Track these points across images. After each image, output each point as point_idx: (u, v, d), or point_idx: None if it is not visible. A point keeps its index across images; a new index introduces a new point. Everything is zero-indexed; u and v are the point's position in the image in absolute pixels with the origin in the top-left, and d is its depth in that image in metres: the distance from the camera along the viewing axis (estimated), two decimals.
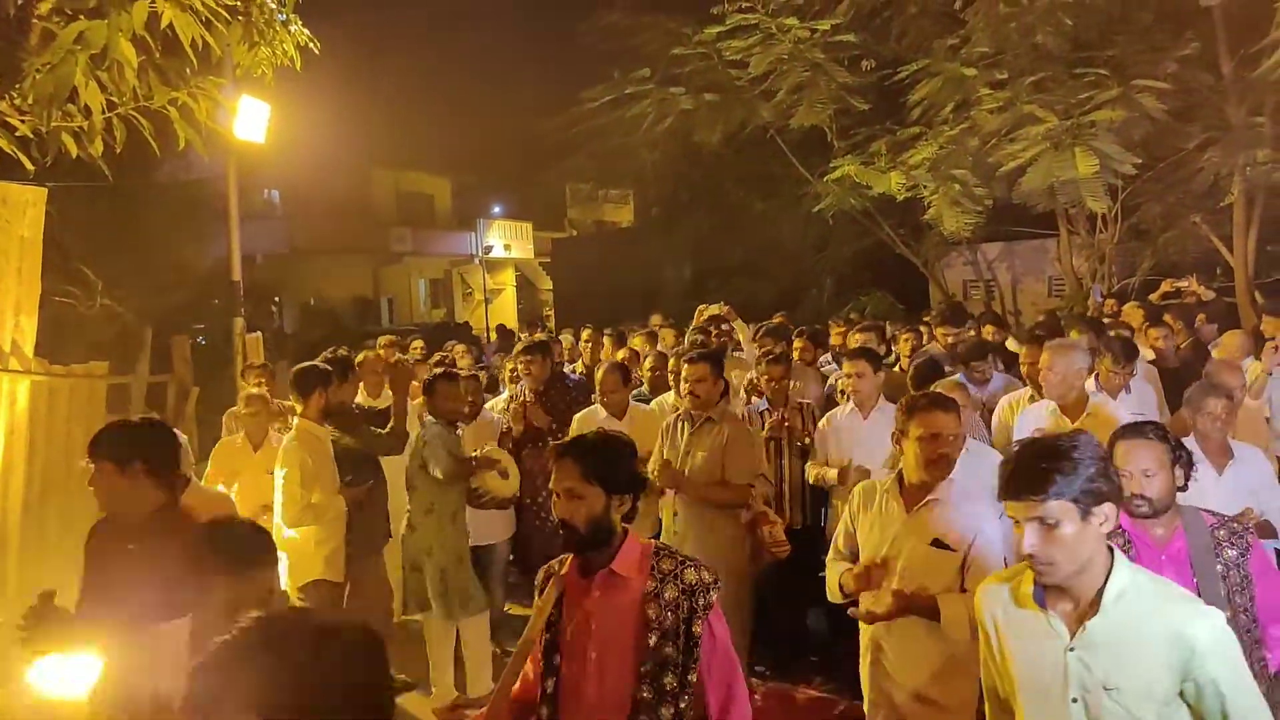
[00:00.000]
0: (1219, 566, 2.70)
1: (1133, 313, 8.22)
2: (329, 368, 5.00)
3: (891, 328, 9.11)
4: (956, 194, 10.42)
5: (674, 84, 12.21)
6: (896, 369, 6.64)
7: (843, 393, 5.69)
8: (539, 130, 14.51)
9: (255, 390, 5.89)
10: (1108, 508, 2.07)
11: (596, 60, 13.15)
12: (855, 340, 7.03)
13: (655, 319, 10.53)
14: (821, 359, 7.38)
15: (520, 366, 6.29)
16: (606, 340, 8.50)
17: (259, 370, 6.51)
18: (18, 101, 4.50)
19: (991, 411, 5.30)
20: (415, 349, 8.51)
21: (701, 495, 4.50)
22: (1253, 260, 10.86)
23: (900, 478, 3.27)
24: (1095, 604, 2.09)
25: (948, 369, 5.82)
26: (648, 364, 6.59)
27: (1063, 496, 2.02)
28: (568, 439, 2.61)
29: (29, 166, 4.46)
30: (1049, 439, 2.17)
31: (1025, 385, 5.32)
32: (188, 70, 4.62)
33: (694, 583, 2.37)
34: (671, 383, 5.89)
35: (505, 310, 32.70)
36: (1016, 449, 2.15)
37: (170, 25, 4.22)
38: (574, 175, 16.58)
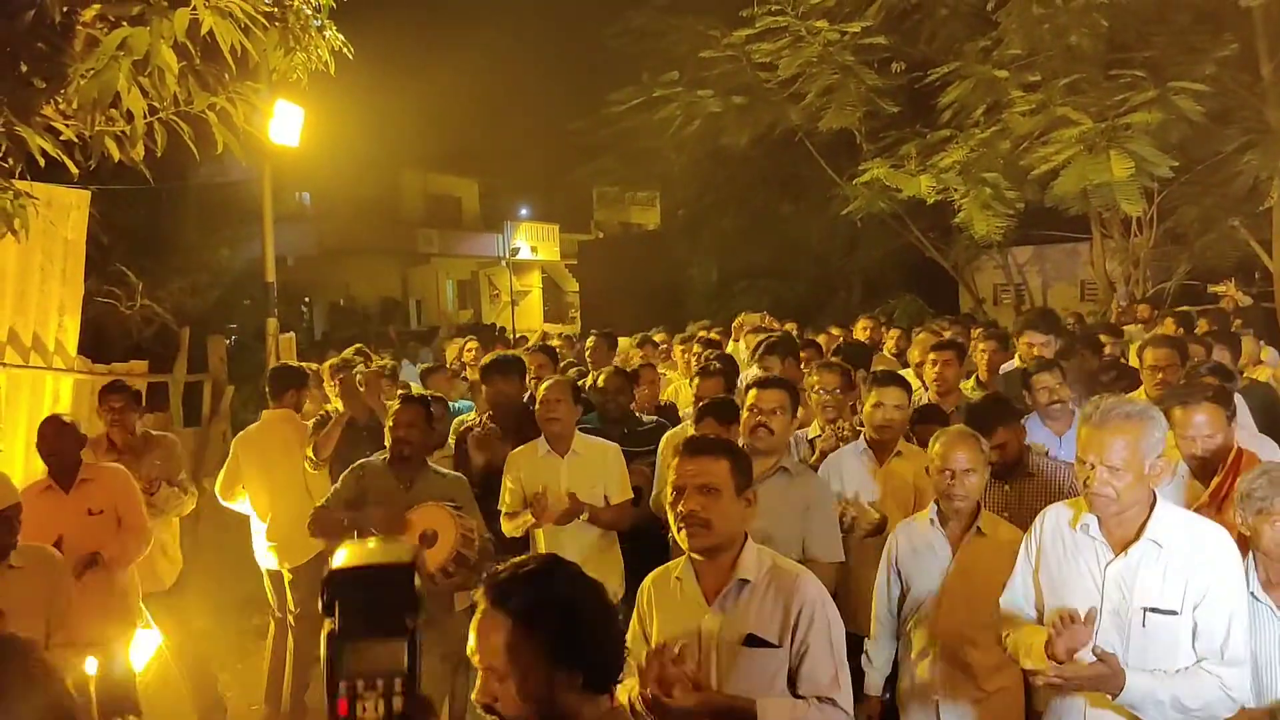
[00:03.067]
0: None
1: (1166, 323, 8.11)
2: (306, 371, 5.53)
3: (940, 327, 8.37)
4: (987, 197, 10.34)
5: (702, 87, 12.22)
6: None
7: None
8: (566, 132, 14.60)
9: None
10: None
11: (625, 63, 13.19)
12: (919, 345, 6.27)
13: (695, 327, 9.97)
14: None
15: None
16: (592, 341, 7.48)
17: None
18: (62, 106, 4.59)
19: None
20: (470, 349, 8.26)
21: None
22: None
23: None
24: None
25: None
26: (600, 381, 5.23)
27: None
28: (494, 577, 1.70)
29: (73, 170, 4.55)
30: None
31: None
32: (226, 76, 4.68)
33: None
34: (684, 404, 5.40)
35: (532, 312, 32.84)
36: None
37: (210, 32, 4.28)
38: (601, 177, 16.63)
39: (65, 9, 4.38)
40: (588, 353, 7.32)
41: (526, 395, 5.21)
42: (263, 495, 5.17)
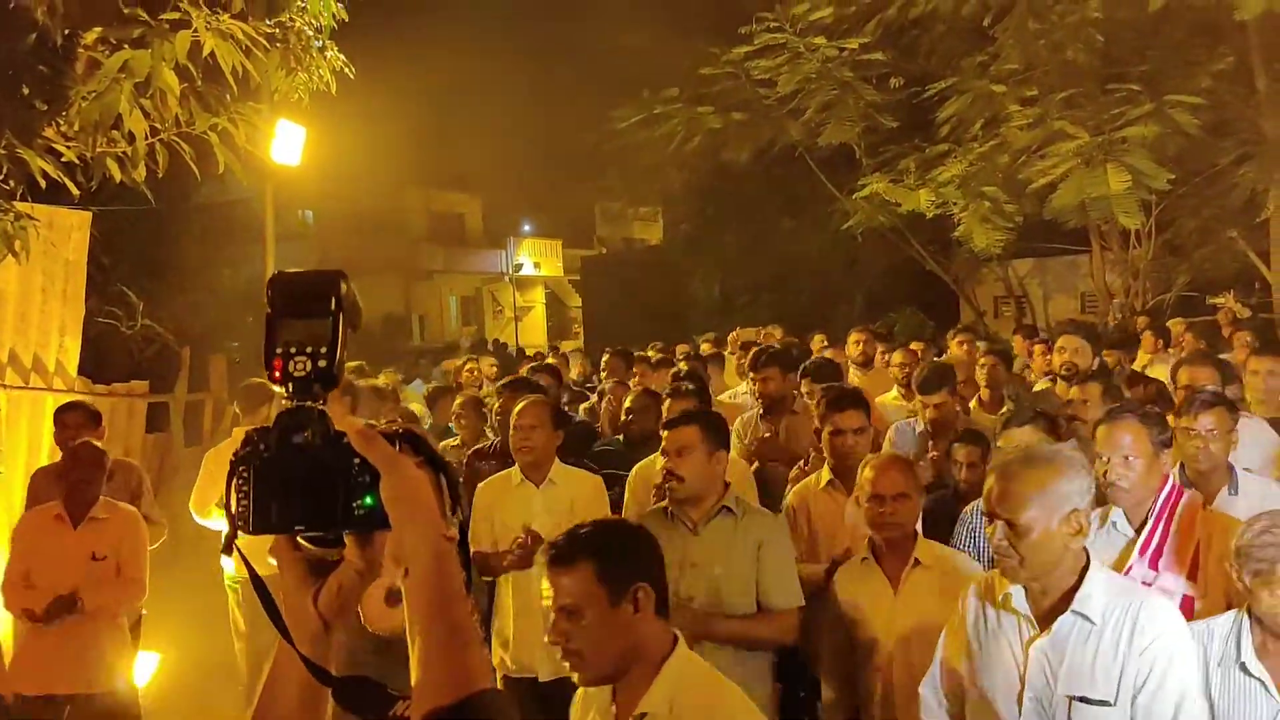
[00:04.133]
0: None
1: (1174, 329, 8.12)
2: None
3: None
4: (986, 211, 10.37)
5: (702, 103, 12.28)
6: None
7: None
8: (568, 149, 14.69)
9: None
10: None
11: (625, 80, 13.27)
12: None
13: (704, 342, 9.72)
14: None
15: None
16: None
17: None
18: (64, 128, 4.64)
19: None
20: (489, 367, 8.16)
21: None
22: None
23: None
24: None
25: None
26: (627, 403, 5.04)
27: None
28: None
29: (74, 191, 4.59)
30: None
31: None
32: (228, 96, 4.73)
33: None
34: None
35: (535, 328, 32.88)
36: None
37: (212, 53, 4.33)
38: (603, 194, 16.71)
39: (67, 32, 4.43)
40: (601, 371, 7.08)
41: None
42: None
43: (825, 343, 8.43)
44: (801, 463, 4.27)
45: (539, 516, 3.79)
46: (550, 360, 9.36)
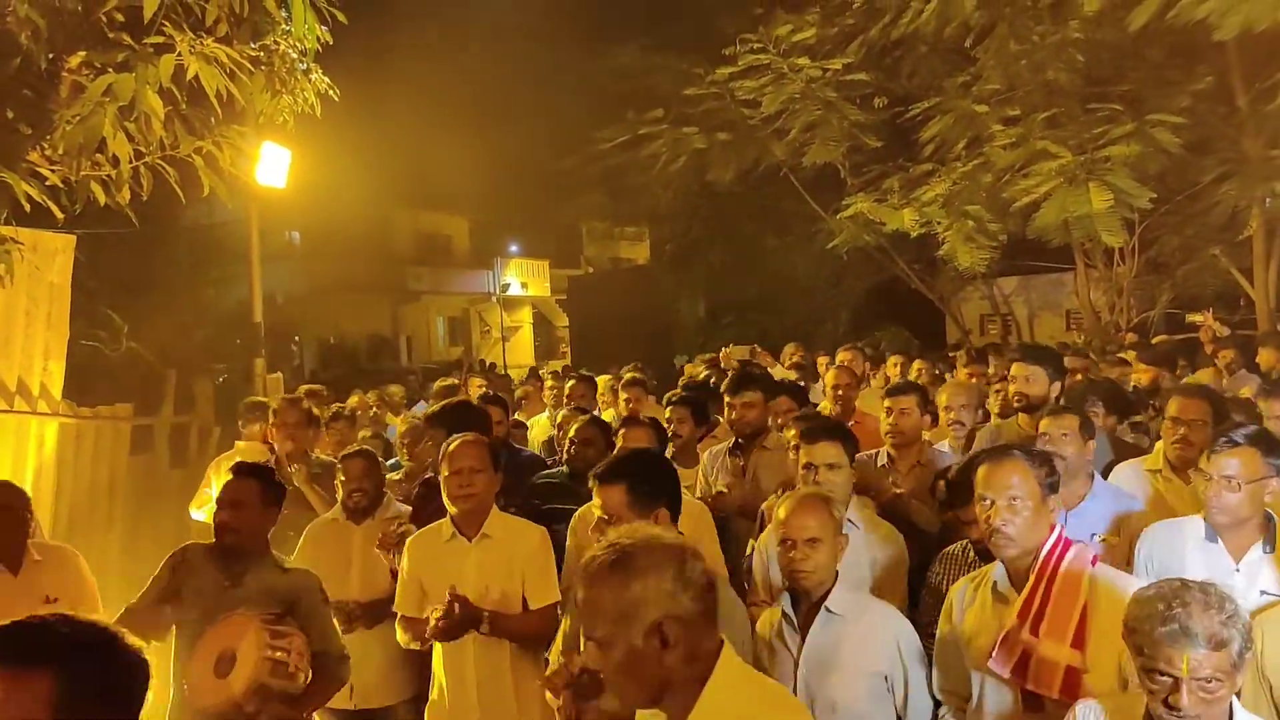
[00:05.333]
0: None
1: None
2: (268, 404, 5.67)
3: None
4: (970, 230, 10.43)
5: (687, 124, 12.34)
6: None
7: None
8: (555, 170, 14.69)
9: None
10: None
11: (610, 101, 13.33)
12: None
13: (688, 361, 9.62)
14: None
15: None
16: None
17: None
18: (48, 152, 4.63)
19: None
20: (476, 388, 8.17)
21: None
22: (1274, 292, 10.79)
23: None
24: None
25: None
26: (570, 431, 4.62)
27: None
28: None
29: (58, 215, 4.57)
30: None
31: None
32: (212, 120, 4.73)
33: None
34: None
35: (522, 348, 32.86)
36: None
37: (196, 77, 4.34)
38: (590, 213, 16.77)
39: (51, 56, 4.44)
40: (565, 395, 6.56)
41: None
42: None
43: (799, 355, 8.26)
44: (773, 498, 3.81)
45: (470, 577, 3.31)
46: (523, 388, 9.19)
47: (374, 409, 8.00)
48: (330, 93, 5.41)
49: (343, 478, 4.24)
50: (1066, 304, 15.20)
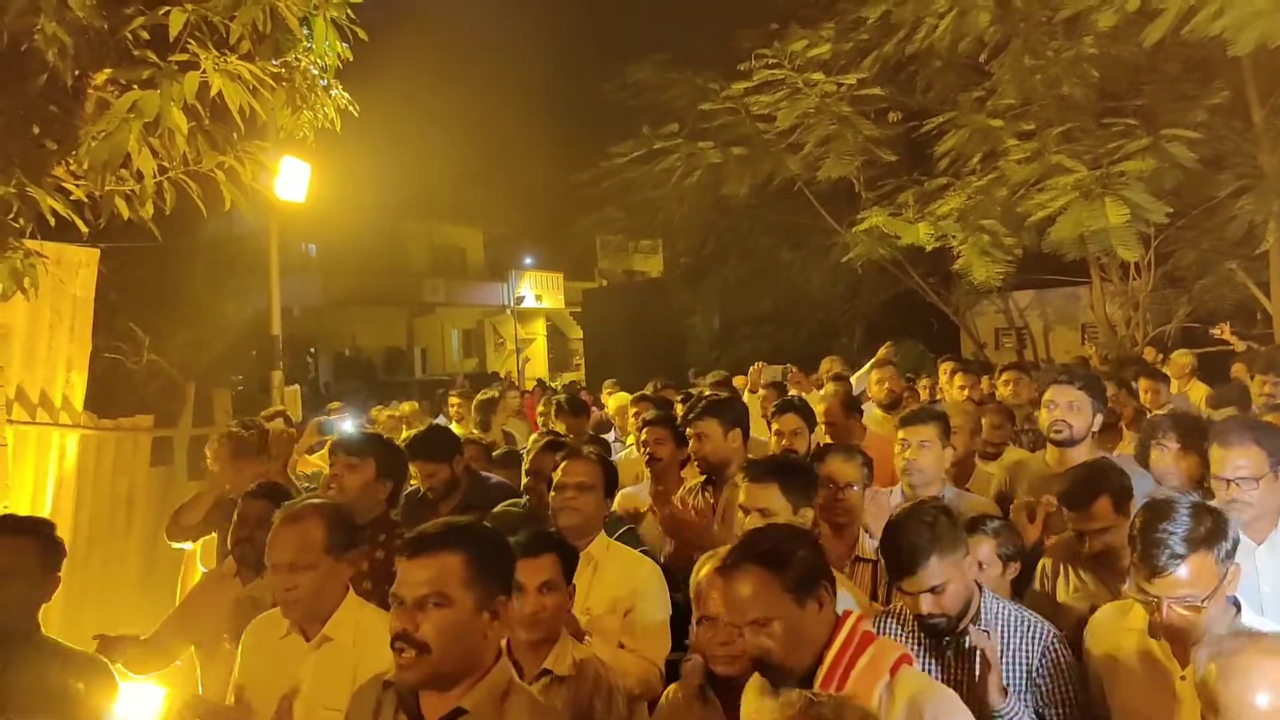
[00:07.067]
0: None
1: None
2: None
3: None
4: (985, 244, 10.43)
5: (702, 138, 12.42)
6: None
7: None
8: (570, 183, 14.78)
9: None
10: None
11: (626, 115, 13.43)
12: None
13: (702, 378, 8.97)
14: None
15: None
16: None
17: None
18: (73, 167, 4.70)
19: None
20: (512, 400, 8.08)
21: None
22: None
23: None
24: None
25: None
26: (526, 460, 4.17)
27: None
28: None
29: (83, 229, 4.64)
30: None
31: None
32: (235, 135, 4.80)
33: None
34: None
35: (536, 360, 32.95)
36: None
37: (219, 93, 4.40)
38: (604, 227, 16.81)
39: (77, 73, 4.51)
40: (550, 416, 5.97)
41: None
42: None
43: (839, 367, 8.00)
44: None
45: (306, 685, 2.52)
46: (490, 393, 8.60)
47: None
48: (350, 108, 5.48)
49: (236, 519, 3.41)
50: (1082, 318, 15.14)
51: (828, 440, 4.61)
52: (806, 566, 2.11)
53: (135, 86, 4.31)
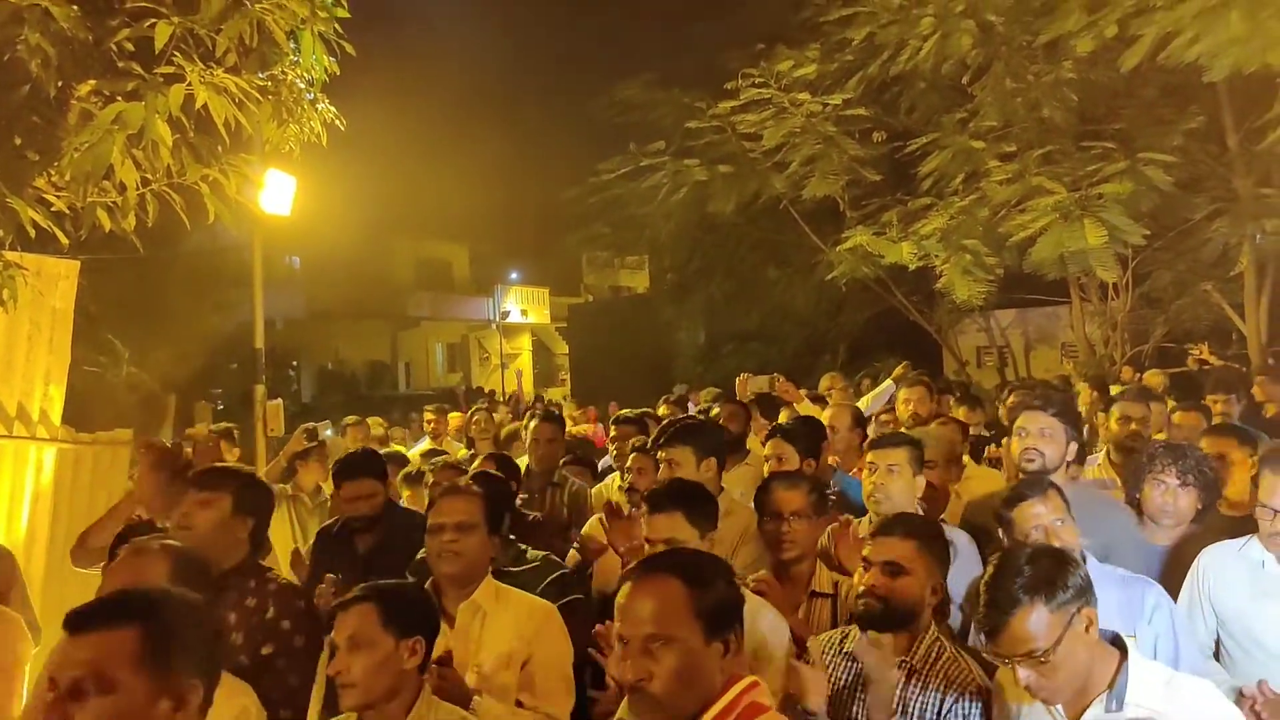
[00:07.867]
0: None
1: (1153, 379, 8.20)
2: None
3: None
4: (968, 264, 10.50)
5: (688, 156, 12.47)
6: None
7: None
8: (556, 199, 14.84)
9: None
10: None
11: (613, 132, 13.49)
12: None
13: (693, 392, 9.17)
14: None
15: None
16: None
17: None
18: (55, 178, 4.69)
19: None
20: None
21: None
22: (1265, 327, 10.89)
23: None
24: None
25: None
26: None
27: None
28: None
29: (63, 240, 4.62)
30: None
31: None
32: (219, 148, 4.80)
33: None
34: None
35: (522, 375, 32.91)
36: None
37: (204, 106, 4.41)
38: (590, 243, 16.84)
39: (60, 84, 4.50)
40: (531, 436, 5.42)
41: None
42: None
43: (839, 385, 7.81)
44: None
45: None
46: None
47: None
48: (336, 122, 5.49)
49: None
50: (1062, 337, 15.28)
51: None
52: (727, 600, 1.90)
53: (120, 98, 4.31)
